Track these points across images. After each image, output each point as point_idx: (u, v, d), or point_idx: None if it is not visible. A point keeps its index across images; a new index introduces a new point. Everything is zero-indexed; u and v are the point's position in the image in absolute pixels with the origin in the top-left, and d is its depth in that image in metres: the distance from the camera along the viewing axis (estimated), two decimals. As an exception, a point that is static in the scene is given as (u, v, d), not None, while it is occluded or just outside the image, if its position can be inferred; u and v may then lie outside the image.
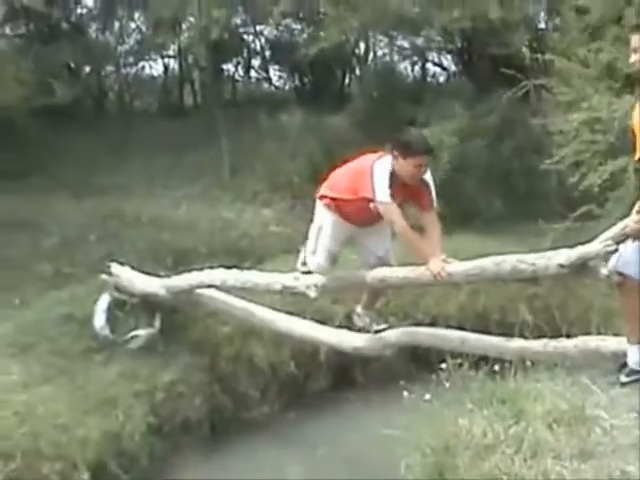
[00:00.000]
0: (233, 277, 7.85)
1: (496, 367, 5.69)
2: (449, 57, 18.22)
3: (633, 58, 5.16)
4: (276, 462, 7.83)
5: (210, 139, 15.23)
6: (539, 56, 10.80)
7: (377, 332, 7.06)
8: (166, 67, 20.77)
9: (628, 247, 5.31)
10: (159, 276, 9.07)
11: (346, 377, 8.95)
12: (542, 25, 14.25)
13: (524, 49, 12.23)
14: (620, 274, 5.38)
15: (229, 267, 9.81)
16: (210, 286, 8.20)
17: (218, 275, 8.02)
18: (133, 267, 9.07)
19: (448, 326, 7.81)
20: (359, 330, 7.29)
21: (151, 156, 14.97)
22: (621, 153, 9.14)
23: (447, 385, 5.68)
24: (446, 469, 4.46)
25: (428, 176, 6.38)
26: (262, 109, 15.62)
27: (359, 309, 7.24)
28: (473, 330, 7.22)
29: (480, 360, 6.05)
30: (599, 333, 7.22)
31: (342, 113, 15.29)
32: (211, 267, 8.38)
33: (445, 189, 12.57)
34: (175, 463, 7.83)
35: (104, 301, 8.70)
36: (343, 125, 14.86)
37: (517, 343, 6.48)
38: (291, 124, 14.86)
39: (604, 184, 9.48)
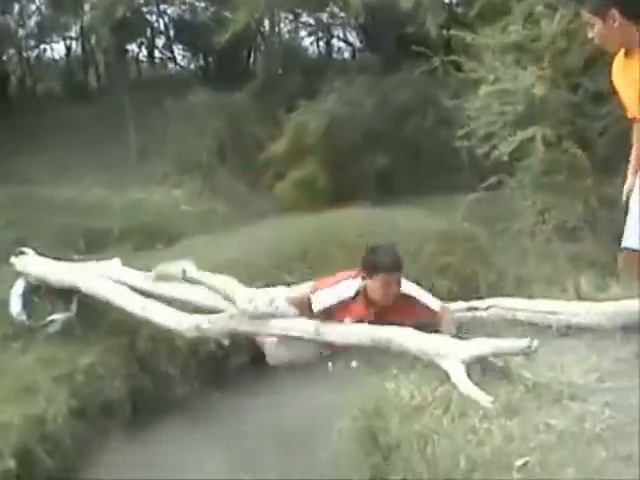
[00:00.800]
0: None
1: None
2: (354, 33, 18.36)
3: (590, 34, 5.10)
4: (201, 440, 7.81)
5: (117, 121, 15.13)
6: (445, 32, 10.91)
7: None
8: (68, 49, 20.56)
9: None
10: (72, 260, 8.99)
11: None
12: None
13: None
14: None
15: (142, 248, 9.89)
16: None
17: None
18: (40, 254, 8.93)
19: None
20: None
21: (58, 140, 14.81)
22: (529, 123, 9.34)
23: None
24: (377, 431, 4.53)
25: (408, 288, 6.15)
26: (168, 89, 15.53)
27: None
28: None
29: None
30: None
31: (247, 90, 15.29)
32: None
33: (355, 163, 12.96)
34: (99, 445, 7.76)
35: (19, 286, 8.52)
36: (248, 102, 14.90)
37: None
38: (197, 103, 14.81)
39: (514, 154, 9.69)
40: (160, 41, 20.68)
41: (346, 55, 19.49)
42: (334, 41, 19.54)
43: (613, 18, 4.90)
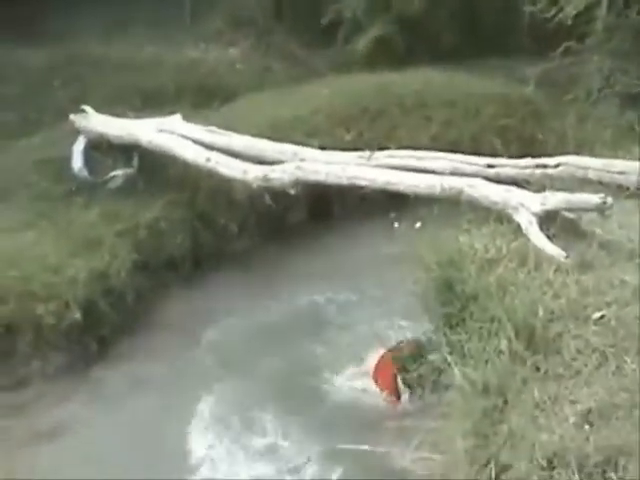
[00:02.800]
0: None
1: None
2: None
3: None
4: (258, 294, 7.91)
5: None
6: None
7: None
8: None
9: None
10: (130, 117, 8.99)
11: (324, 209, 8.94)
12: None
13: None
14: None
15: (198, 106, 9.85)
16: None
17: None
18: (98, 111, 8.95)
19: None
20: None
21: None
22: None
23: (435, 211, 5.72)
24: (454, 282, 4.56)
25: None
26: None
27: None
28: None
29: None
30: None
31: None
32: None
33: (415, 25, 12.66)
34: (160, 299, 7.92)
35: (81, 143, 8.57)
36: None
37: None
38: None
39: (579, 18, 9.45)
40: None
41: None
42: None
43: None
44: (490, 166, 6.29)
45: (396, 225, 5.69)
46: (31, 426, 6.26)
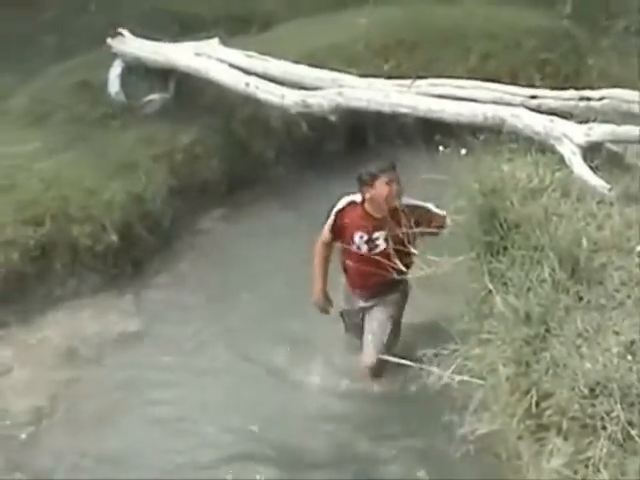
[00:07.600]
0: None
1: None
2: None
3: None
4: (291, 220, 7.97)
5: None
6: None
7: None
8: None
9: None
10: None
11: (360, 139, 8.86)
12: None
13: None
14: None
15: (236, 33, 9.74)
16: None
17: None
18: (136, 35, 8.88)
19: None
20: None
21: None
22: None
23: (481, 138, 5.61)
24: (497, 210, 4.53)
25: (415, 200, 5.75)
26: None
27: None
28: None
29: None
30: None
31: None
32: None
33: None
34: (195, 223, 8.01)
35: (117, 67, 8.54)
36: None
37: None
38: None
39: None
40: None
41: None
42: None
43: None
44: (533, 97, 6.18)
45: (441, 149, 5.56)
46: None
